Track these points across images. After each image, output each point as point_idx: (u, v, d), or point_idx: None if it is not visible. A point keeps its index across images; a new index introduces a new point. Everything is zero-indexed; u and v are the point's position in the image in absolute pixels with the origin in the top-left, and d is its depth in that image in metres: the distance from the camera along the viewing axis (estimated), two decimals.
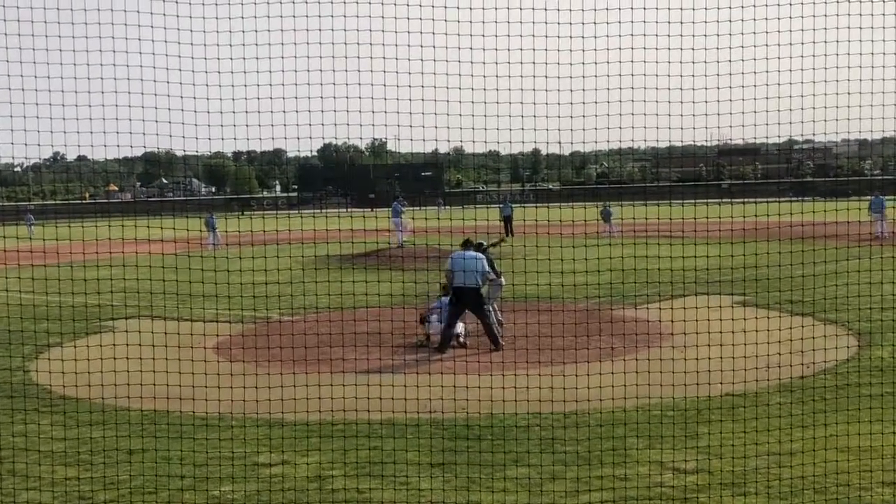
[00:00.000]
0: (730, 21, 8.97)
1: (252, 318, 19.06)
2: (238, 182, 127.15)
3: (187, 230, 9.93)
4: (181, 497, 8.70)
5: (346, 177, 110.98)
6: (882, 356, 14.12)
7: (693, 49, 9.01)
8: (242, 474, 9.26)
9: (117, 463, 9.63)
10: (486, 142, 9.48)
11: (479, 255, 16.02)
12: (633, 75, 9.12)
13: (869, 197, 41.02)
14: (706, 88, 9.14)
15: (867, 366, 13.48)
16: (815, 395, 11.78)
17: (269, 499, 8.61)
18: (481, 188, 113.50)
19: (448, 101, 9.05)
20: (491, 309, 16.01)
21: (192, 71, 8.76)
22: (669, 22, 8.91)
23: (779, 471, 8.89)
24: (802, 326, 11.51)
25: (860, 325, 16.37)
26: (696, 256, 11.27)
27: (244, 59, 8.78)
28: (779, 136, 9.81)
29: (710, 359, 10.77)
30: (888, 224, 37.04)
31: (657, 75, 9.09)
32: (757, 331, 10.76)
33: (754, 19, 9.05)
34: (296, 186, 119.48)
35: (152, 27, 8.65)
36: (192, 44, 8.71)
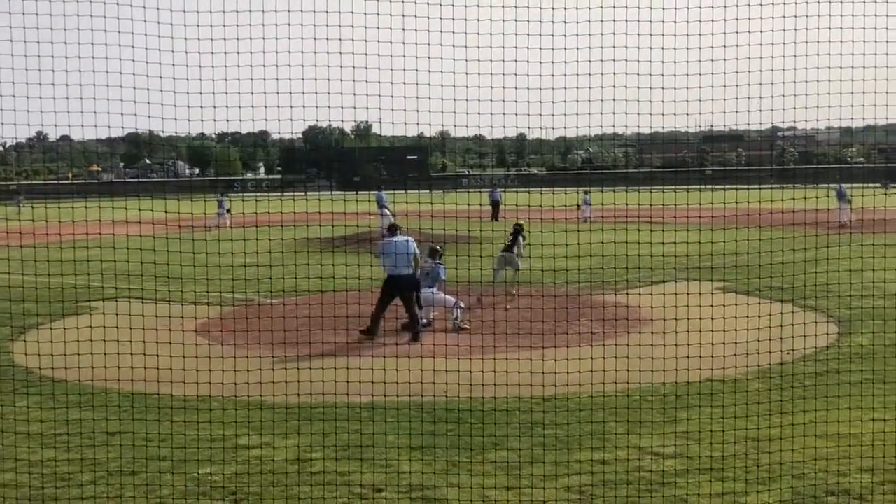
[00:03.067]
0: (712, 7, 8.97)
1: (234, 301, 19.02)
2: (222, 164, 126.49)
3: (165, 212, 9.84)
4: (162, 479, 8.69)
5: (331, 159, 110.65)
6: (861, 343, 14.22)
7: (675, 35, 9.01)
8: (223, 456, 9.26)
9: (95, 445, 9.60)
10: (467, 126, 9.47)
11: (410, 238, 16.17)
12: (614, 61, 9.09)
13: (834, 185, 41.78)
14: (687, 75, 9.13)
15: (846, 352, 13.58)
16: (795, 381, 11.85)
17: (250, 481, 8.61)
18: (467, 172, 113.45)
19: (430, 84, 8.98)
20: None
21: (172, 51, 8.69)
22: (651, 7, 8.90)
23: (757, 456, 8.95)
24: (782, 313, 11.57)
25: (840, 312, 16.47)
26: (675, 243, 11.31)
27: (224, 39, 8.69)
28: (760, 123, 9.82)
29: (688, 345, 10.82)
30: (847, 213, 38.08)
31: (639, 61, 9.07)
32: (737, 317, 10.80)
33: (737, 6, 9.05)
34: (280, 168, 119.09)
35: (132, 6, 8.57)
36: (171, 24, 8.65)
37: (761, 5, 9.12)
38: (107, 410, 10.48)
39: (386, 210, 33.87)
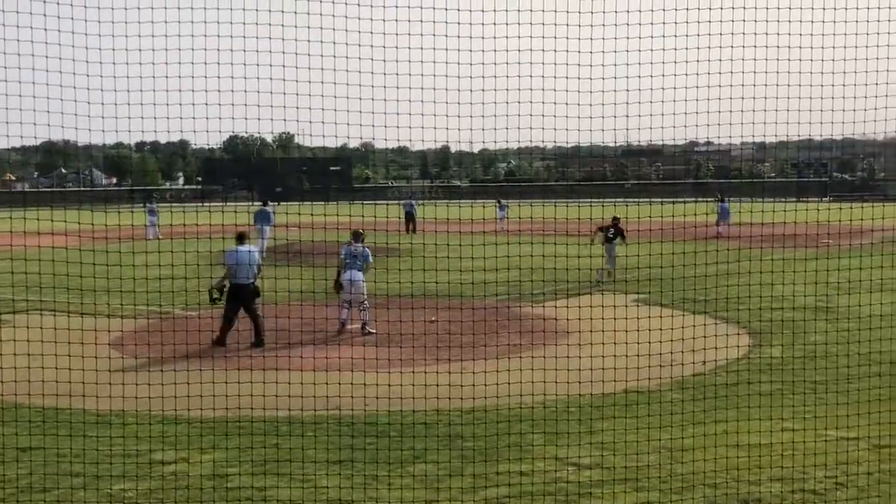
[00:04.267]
0: (627, 24, 9.15)
1: (149, 314, 18.69)
2: (140, 173, 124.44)
3: (79, 223, 9.61)
4: (76, 495, 8.50)
5: (253, 170, 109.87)
6: (773, 354, 14.58)
7: (591, 52, 9.15)
8: (139, 472, 9.10)
9: (5, 462, 9.33)
10: (386, 139, 9.49)
11: (253, 248, 16.68)
12: (531, 77, 9.20)
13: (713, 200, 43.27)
14: (602, 91, 9.30)
15: (759, 364, 13.90)
16: (710, 392, 12.07)
17: (165, 497, 8.47)
18: (391, 184, 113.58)
19: (348, 97, 8.99)
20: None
21: (87, 62, 8.53)
22: (568, 25, 9.04)
23: (671, 466, 9.10)
24: (695, 325, 11.75)
25: (752, 325, 16.87)
26: (590, 256, 11.46)
27: (140, 50, 8.59)
28: (674, 140, 10.07)
29: (603, 356, 10.94)
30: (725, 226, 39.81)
31: (555, 77, 9.20)
32: (650, 329, 10.96)
33: (651, 23, 9.25)
34: (200, 179, 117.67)
35: (45, 15, 8.41)
36: (86, 34, 8.49)
37: (675, 23, 9.35)
38: (17, 426, 10.23)
39: (268, 227, 32.95)
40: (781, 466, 9.08)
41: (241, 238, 16.61)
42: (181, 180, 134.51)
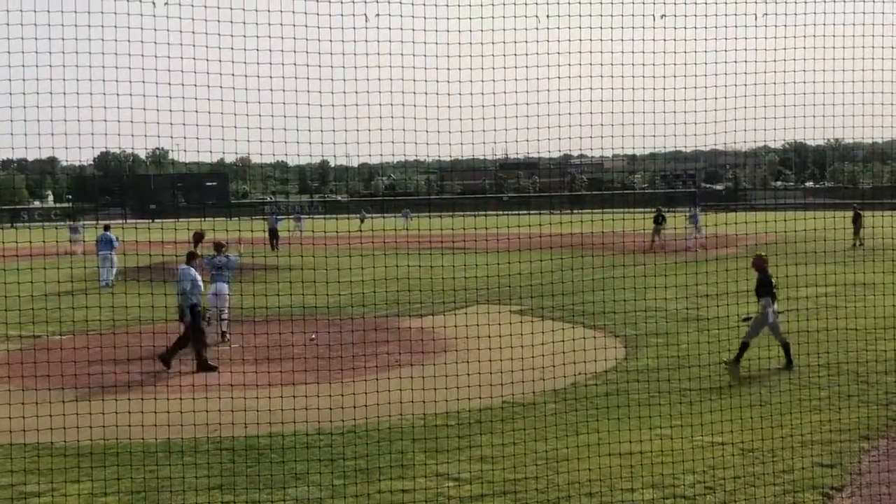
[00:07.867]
0: (491, 43, 9.32)
1: (19, 338, 18.02)
2: (7, 192, 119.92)
3: None
4: None
5: (125, 187, 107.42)
6: (645, 363, 14.94)
7: (459, 70, 9.31)
8: None
9: None
10: (261, 154, 9.42)
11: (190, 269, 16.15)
12: (403, 92, 9.30)
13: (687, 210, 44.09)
14: (483, 106, 9.43)
15: (633, 371, 14.22)
16: (586, 401, 12.30)
17: None
18: (269, 199, 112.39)
19: (223, 113, 8.90)
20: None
21: None
22: (437, 43, 9.15)
23: (547, 477, 9.25)
24: (564, 332, 12.02)
25: (625, 331, 17.29)
26: (464, 265, 11.57)
27: (9, 67, 8.32)
28: (549, 151, 10.32)
29: (481, 363, 11.01)
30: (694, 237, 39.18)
31: (426, 93, 9.30)
32: (523, 335, 11.12)
33: (514, 41, 9.44)
34: (70, 196, 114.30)
35: None
36: None
37: (548, 41, 9.54)
38: None
39: (112, 252, 31.77)
40: (652, 473, 9.30)
41: (191, 257, 16.40)
42: (50, 198, 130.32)
